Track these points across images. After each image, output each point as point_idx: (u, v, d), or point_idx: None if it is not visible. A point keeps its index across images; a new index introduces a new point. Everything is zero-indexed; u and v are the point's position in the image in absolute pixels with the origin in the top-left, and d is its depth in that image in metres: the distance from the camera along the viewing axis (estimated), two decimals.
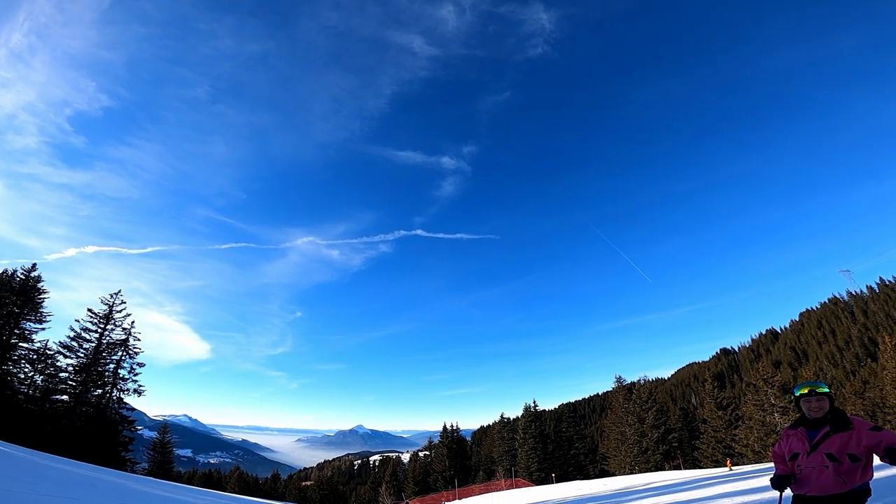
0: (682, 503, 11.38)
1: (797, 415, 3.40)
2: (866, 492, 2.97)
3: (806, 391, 3.23)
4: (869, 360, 78.09)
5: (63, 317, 32.42)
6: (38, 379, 28.90)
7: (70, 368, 29.99)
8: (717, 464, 40.56)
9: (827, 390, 3.21)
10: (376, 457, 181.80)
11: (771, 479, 3.37)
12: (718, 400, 46.33)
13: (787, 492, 3.33)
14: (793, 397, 3.42)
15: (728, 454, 40.22)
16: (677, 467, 45.00)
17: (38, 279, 30.26)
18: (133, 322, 33.14)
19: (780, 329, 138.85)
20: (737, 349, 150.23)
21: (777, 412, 36.90)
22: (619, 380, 55.76)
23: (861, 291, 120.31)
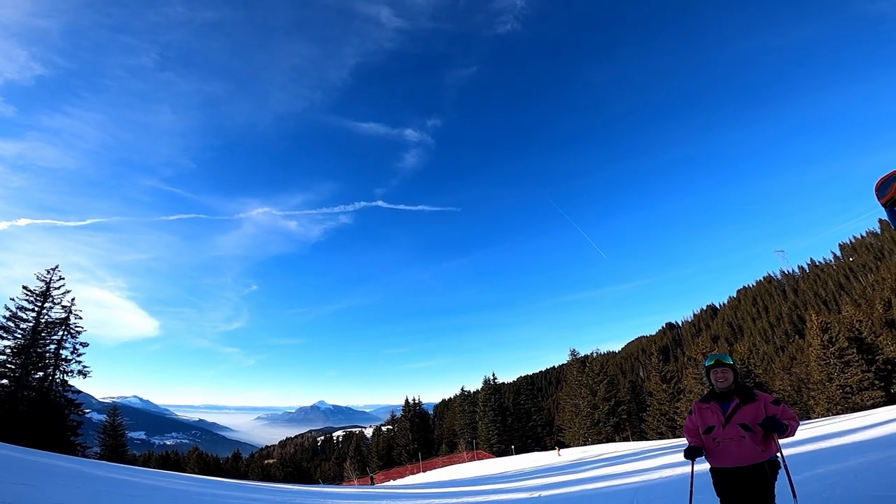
0: (629, 473, 12.38)
1: (708, 388, 3.61)
2: (777, 464, 3.25)
3: (713, 363, 3.48)
4: (797, 336, 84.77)
5: None
6: None
7: (7, 350, 28.05)
8: (662, 436, 43.38)
9: (731, 363, 3.47)
10: (339, 432, 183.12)
11: (684, 451, 3.58)
12: (663, 373, 48.51)
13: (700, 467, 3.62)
14: (703, 369, 3.61)
15: (671, 426, 43.08)
16: (626, 439, 47.77)
17: None
18: (73, 299, 31.17)
19: (720, 305, 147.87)
20: (680, 324, 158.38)
21: None
22: (573, 353, 57.59)
23: (793, 271, 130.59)
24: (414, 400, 74.37)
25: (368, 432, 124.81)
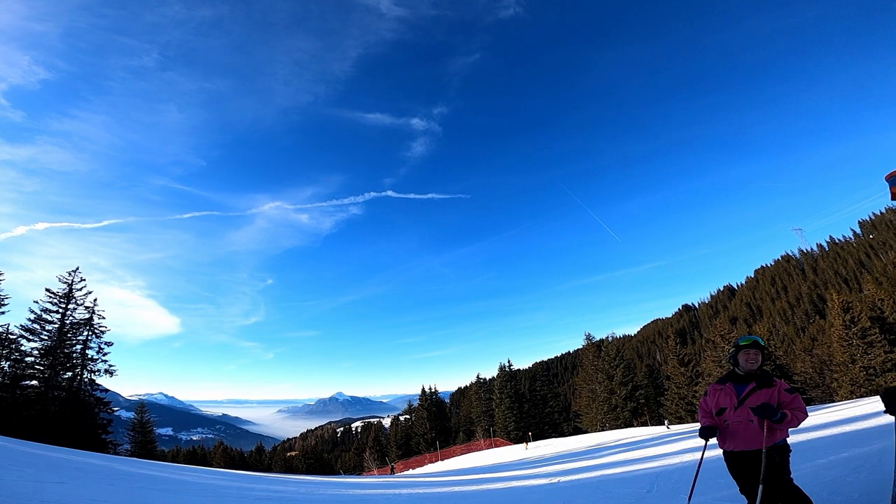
0: (649, 458, 12.38)
1: (729, 368, 3.62)
2: (787, 447, 3.26)
3: (750, 343, 3.47)
4: (817, 316, 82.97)
5: (20, 299, 30.90)
6: (5, 365, 27.83)
7: (35, 352, 28.92)
8: (681, 420, 42.97)
9: (764, 346, 3.48)
10: (358, 423, 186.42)
11: (699, 430, 3.57)
12: (681, 356, 47.53)
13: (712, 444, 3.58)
14: (732, 349, 3.56)
15: (690, 410, 42.65)
16: (644, 424, 47.43)
17: None
18: (96, 300, 31.92)
19: (737, 285, 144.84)
20: (697, 305, 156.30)
21: None
22: (588, 337, 57.27)
23: (812, 249, 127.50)
24: (430, 389, 74.87)
25: (386, 422, 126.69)
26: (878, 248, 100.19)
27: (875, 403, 14.62)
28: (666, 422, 41.06)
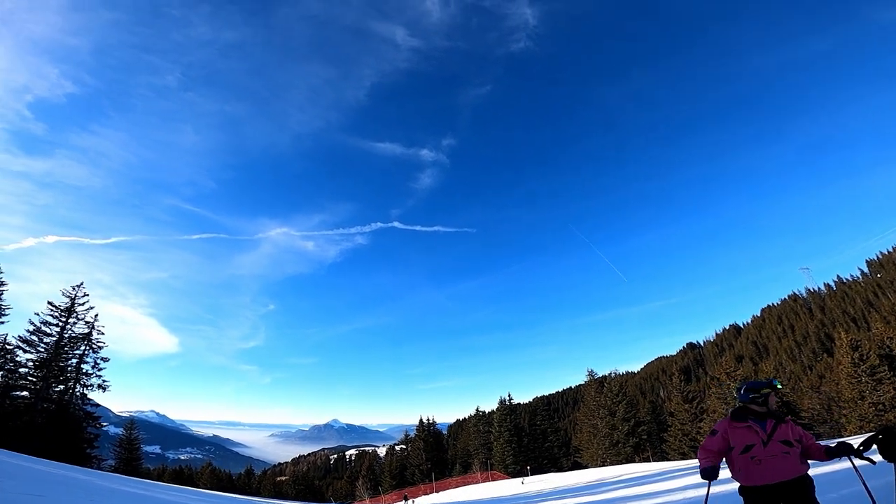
0: (650, 494, 11.88)
1: (737, 405, 3.69)
2: (812, 478, 3.36)
3: (780, 386, 3.66)
4: (825, 355, 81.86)
5: (22, 310, 30.81)
6: None
7: (30, 364, 28.78)
8: (685, 456, 41.93)
9: None
10: (352, 451, 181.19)
11: (702, 472, 3.59)
12: (685, 393, 47.17)
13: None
14: (767, 390, 3.51)
15: (693, 447, 41.66)
16: (646, 460, 46.28)
17: None
18: (96, 315, 32.04)
19: (743, 324, 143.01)
20: (702, 343, 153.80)
21: None
22: (591, 373, 57.01)
23: (819, 289, 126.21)
24: (428, 420, 73.64)
25: (381, 451, 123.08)
26: (886, 287, 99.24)
27: None
28: (522, 478, 40.81)
